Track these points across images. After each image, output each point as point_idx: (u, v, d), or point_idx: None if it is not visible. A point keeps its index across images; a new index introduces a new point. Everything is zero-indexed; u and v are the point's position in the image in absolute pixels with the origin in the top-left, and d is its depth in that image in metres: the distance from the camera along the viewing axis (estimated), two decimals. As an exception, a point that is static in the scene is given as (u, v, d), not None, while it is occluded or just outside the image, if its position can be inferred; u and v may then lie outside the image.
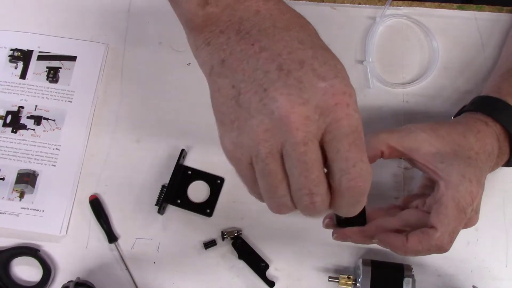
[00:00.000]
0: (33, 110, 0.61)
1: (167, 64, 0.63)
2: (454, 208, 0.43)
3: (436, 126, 0.48)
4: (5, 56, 0.62)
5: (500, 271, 0.55)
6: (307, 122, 0.30)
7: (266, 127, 0.31)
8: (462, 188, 0.44)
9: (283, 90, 0.30)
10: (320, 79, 0.31)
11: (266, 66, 0.31)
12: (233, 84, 0.32)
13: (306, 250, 0.56)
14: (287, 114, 0.30)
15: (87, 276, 0.56)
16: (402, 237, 0.44)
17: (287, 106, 0.30)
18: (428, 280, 0.55)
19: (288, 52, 0.32)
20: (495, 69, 0.58)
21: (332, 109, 0.31)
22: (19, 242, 0.57)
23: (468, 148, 0.47)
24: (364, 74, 0.61)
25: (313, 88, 0.30)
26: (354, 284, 0.52)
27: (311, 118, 0.30)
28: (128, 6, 0.65)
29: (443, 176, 0.45)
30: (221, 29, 0.34)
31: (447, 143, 0.47)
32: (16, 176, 0.58)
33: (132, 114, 0.61)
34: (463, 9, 0.63)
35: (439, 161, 0.46)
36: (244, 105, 0.32)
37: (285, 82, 0.31)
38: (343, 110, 0.31)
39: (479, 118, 0.49)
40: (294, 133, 0.30)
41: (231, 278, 0.55)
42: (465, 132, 0.47)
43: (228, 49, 0.33)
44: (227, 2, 0.34)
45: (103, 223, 0.57)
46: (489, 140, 0.48)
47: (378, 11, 0.63)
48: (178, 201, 0.57)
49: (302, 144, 0.31)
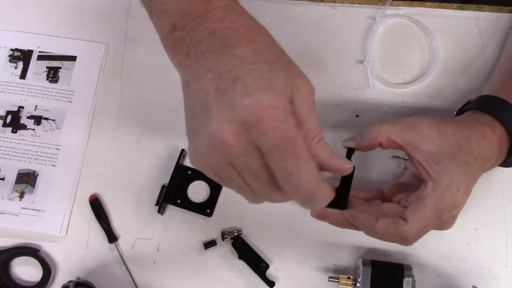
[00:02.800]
0: (33, 110, 0.61)
1: (167, 64, 0.62)
2: (432, 210, 0.44)
3: (442, 123, 0.47)
4: (5, 56, 0.62)
5: (500, 271, 0.55)
6: (237, 138, 0.33)
7: (208, 145, 0.34)
8: (448, 194, 0.44)
9: (217, 110, 0.33)
10: (245, 96, 0.33)
11: (208, 88, 0.34)
12: (190, 105, 0.36)
13: (306, 250, 0.56)
14: (219, 133, 0.33)
15: (87, 276, 0.56)
16: (372, 218, 0.45)
17: (217, 125, 0.33)
18: (428, 280, 0.55)
19: (227, 71, 0.34)
20: (498, 66, 0.58)
21: (256, 124, 0.33)
22: (19, 242, 0.57)
23: (468, 153, 0.46)
24: (364, 74, 0.61)
25: (238, 105, 0.33)
26: (354, 284, 0.52)
27: (240, 134, 0.33)
28: (128, 6, 0.65)
29: (434, 177, 0.45)
30: (187, 51, 0.37)
31: (449, 144, 0.46)
32: (16, 176, 0.58)
33: (132, 114, 0.61)
34: (463, 9, 0.63)
35: (434, 162, 0.45)
36: (196, 123, 0.35)
37: (219, 102, 0.33)
38: (267, 124, 0.33)
39: (486, 122, 0.49)
40: (230, 149, 0.33)
41: (231, 278, 0.55)
42: (470, 136, 0.47)
43: (190, 70, 0.36)
44: (191, 25, 0.37)
45: (103, 223, 0.57)
46: (490, 147, 0.48)
47: (378, 11, 0.63)
48: (178, 201, 0.57)
49: (242, 156, 0.34)
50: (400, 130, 0.47)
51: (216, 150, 0.34)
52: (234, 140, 0.33)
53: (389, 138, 0.47)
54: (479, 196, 0.57)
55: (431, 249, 0.55)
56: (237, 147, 0.33)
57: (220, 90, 0.33)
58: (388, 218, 0.45)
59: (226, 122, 0.33)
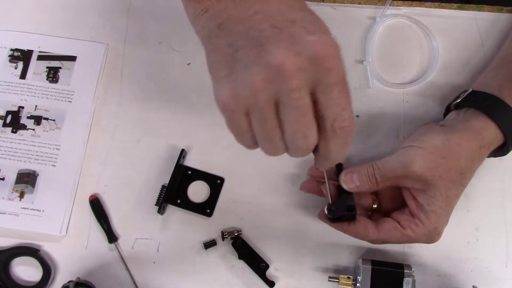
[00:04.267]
0: (33, 110, 0.61)
1: (167, 64, 0.63)
2: (402, 234, 0.49)
3: (443, 151, 0.49)
4: (5, 56, 0.62)
5: (500, 271, 0.55)
6: (300, 71, 0.33)
7: (263, 77, 0.33)
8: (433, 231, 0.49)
9: (278, 44, 0.33)
10: (310, 34, 0.33)
11: (261, 25, 0.34)
12: (229, 43, 0.35)
13: (306, 250, 0.56)
14: (282, 64, 0.32)
15: (87, 276, 0.56)
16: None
17: (282, 57, 0.32)
18: (428, 280, 0.55)
19: (280, 14, 0.35)
20: (498, 63, 0.57)
21: (322, 60, 0.33)
22: (19, 242, 0.57)
23: (460, 172, 0.49)
24: (364, 74, 0.61)
25: (304, 41, 0.33)
26: (354, 284, 0.52)
27: (304, 68, 0.33)
28: (128, 6, 0.65)
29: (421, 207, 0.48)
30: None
31: (439, 168, 0.48)
32: (16, 176, 0.58)
33: (132, 114, 0.61)
34: (463, 9, 0.63)
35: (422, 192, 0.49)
36: (240, 60, 0.34)
37: (278, 37, 0.33)
38: (332, 61, 0.33)
39: (495, 139, 0.50)
40: (289, 81, 0.33)
41: (231, 278, 0.55)
42: (471, 164, 0.49)
43: (225, 14, 0.36)
44: None
45: (103, 223, 0.57)
46: (481, 161, 0.51)
47: (378, 11, 0.63)
48: (178, 201, 0.57)
49: (296, 91, 0.33)
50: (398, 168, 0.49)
51: (271, 81, 0.33)
52: (296, 72, 0.33)
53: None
54: (479, 196, 0.57)
55: (431, 249, 0.55)
56: (296, 81, 0.33)
57: (277, 28, 0.34)
58: (363, 222, 0.50)
59: (291, 54, 0.32)
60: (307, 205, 0.57)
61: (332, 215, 0.50)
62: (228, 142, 0.59)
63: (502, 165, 0.57)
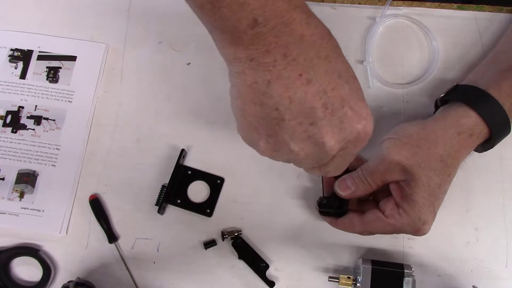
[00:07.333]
0: (33, 110, 0.61)
1: (167, 64, 0.63)
2: (386, 224, 0.49)
3: (431, 154, 0.49)
4: (5, 56, 0.62)
5: (500, 271, 0.55)
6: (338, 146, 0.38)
7: (307, 153, 0.38)
8: (416, 223, 0.49)
9: (328, 129, 0.37)
10: (358, 121, 0.38)
11: (313, 102, 0.36)
12: (276, 107, 0.36)
13: (306, 250, 0.56)
14: (330, 147, 0.38)
15: (87, 276, 0.56)
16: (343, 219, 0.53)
17: (330, 140, 0.37)
18: (428, 280, 0.55)
19: (332, 89, 0.36)
20: (489, 60, 0.57)
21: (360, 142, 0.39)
22: (19, 242, 0.57)
23: (440, 159, 0.48)
24: (364, 74, 0.61)
25: (352, 128, 0.38)
26: (354, 284, 0.52)
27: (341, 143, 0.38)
28: (128, 6, 0.65)
29: (404, 197, 0.48)
30: (267, 48, 0.36)
31: (417, 157, 0.48)
32: (16, 176, 0.58)
33: (132, 114, 0.61)
34: (463, 9, 0.63)
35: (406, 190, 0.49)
36: (286, 130, 0.37)
37: (329, 121, 0.37)
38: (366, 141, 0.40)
39: (476, 128, 0.49)
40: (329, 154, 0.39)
41: (231, 278, 0.55)
42: (451, 152, 0.49)
43: (275, 71, 0.36)
44: (274, 23, 0.35)
45: (103, 223, 0.57)
46: (467, 150, 0.50)
47: (378, 11, 0.63)
48: (178, 201, 0.57)
49: (329, 157, 0.40)
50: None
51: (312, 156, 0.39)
52: (336, 150, 0.38)
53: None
54: (479, 196, 0.57)
55: (431, 249, 0.55)
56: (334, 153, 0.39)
57: (329, 109, 0.36)
58: (351, 216, 0.52)
59: (339, 140, 0.38)
60: (307, 205, 0.57)
61: (322, 208, 0.53)
62: (228, 142, 0.59)
63: (502, 165, 0.57)
